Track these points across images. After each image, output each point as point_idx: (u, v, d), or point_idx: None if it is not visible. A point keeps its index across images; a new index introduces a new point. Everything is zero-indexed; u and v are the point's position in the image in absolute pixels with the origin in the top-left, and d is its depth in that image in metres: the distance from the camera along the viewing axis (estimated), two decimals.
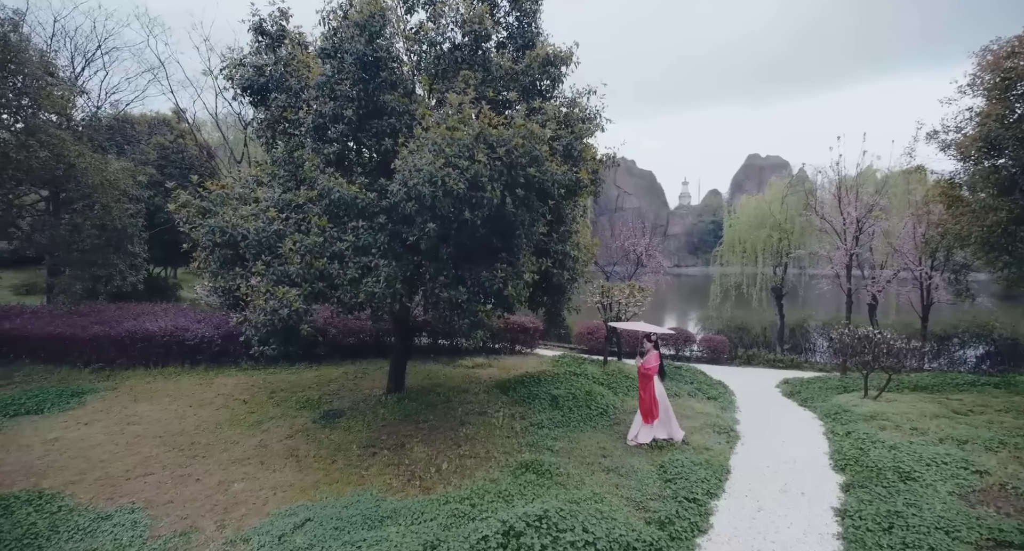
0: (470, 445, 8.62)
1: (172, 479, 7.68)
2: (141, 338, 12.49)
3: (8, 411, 10.18)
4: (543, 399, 10.32)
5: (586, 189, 8.32)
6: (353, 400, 10.60)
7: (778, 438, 9.11)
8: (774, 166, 79.16)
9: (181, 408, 10.31)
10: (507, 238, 7.33)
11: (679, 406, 10.71)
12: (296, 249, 6.93)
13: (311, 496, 7.18)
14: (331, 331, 13.31)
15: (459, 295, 7.27)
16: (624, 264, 15.95)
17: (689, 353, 19.62)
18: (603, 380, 11.95)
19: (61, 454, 8.45)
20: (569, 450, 8.50)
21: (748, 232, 19.49)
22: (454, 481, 7.53)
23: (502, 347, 15.68)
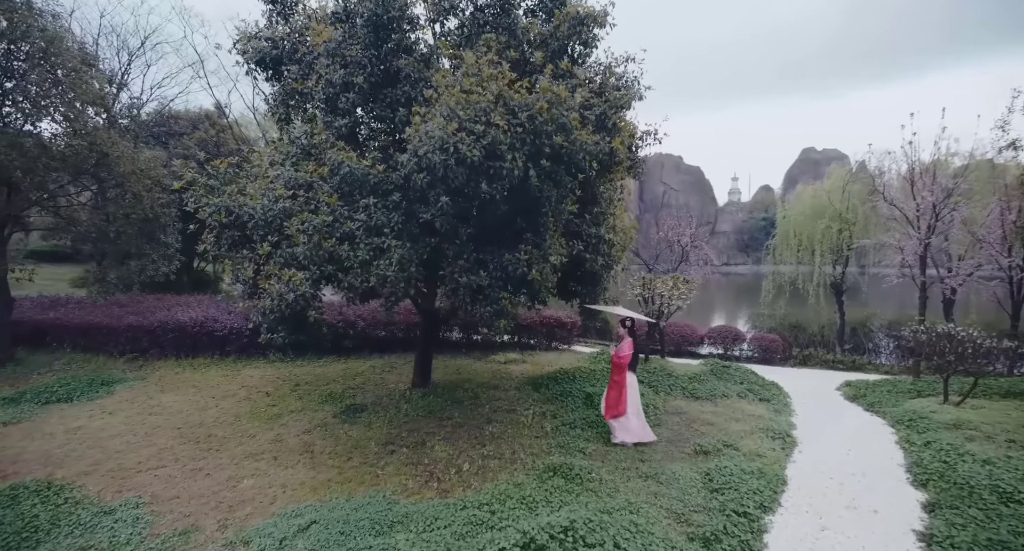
0: (495, 445, 7.96)
1: (182, 473, 7.34)
2: (172, 328, 12.43)
3: (40, 399, 10.19)
4: (576, 397, 9.56)
5: (621, 164, 7.53)
6: (377, 395, 10.12)
7: (842, 446, 8.05)
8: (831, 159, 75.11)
9: (204, 399, 10.07)
10: (531, 217, 6.63)
11: (727, 407, 9.76)
12: (304, 229, 6.43)
13: (321, 496, 6.68)
14: (360, 324, 12.94)
15: (479, 280, 6.62)
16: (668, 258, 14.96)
17: (739, 352, 18.38)
18: (643, 378, 11.04)
19: (80, 443, 8.28)
20: (603, 453, 7.73)
21: (804, 224, 18.02)
22: (474, 484, 6.89)
23: (537, 343, 14.96)
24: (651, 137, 8.84)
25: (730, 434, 8.38)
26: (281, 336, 6.80)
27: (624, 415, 8.10)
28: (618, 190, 8.46)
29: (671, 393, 10.41)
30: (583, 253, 7.64)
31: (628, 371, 8.19)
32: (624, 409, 8.08)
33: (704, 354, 17.78)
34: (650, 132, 8.84)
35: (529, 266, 6.53)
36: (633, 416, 8.14)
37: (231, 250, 6.88)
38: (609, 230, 7.95)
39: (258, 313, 6.63)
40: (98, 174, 11.79)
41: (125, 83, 16.33)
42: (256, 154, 7.71)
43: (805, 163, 78.00)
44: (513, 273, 6.57)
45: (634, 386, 8.25)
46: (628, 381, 8.17)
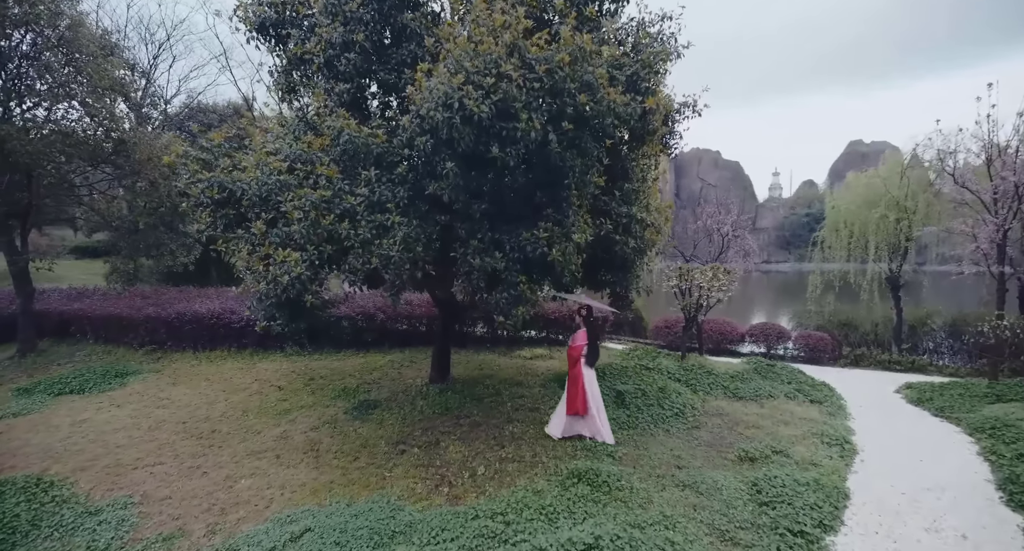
0: (515, 446, 7.24)
1: (179, 471, 6.86)
2: (190, 320, 12.13)
3: (54, 390, 9.98)
4: (607, 395, 8.72)
5: (655, 135, 6.69)
6: (392, 390, 9.51)
7: (911, 456, 7.02)
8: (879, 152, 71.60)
9: (214, 393, 9.66)
10: (552, 190, 5.88)
11: (773, 409, 8.79)
12: (300, 205, 5.83)
13: (320, 499, 6.08)
14: (379, 316, 12.38)
15: (495, 262, 5.90)
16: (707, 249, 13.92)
17: (783, 351, 17.17)
18: (680, 376, 10.17)
19: (83, 437, 7.92)
20: (634, 457, 6.92)
21: (856, 213, 16.59)
22: (489, 489, 6.18)
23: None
24: (689, 109, 7.96)
25: (779, 439, 7.44)
26: (279, 324, 6.22)
27: (585, 415, 7.42)
28: (653, 164, 7.60)
29: (711, 392, 9.49)
30: (612, 235, 6.83)
31: (585, 366, 7.46)
32: (584, 408, 7.37)
33: (745, 352, 16.69)
34: (688, 103, 7.96)
35: (550, 245, 5.77)
36: (598, 415, 7.45)
37: (227, 230, 6.35)
38: (642, 209, 7.10)
39: (253, 298, 6.06)
40: (115, 161, 11.56)
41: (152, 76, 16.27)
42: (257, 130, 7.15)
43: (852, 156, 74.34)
44: (532, 254, 5.83)
45: (593, 382, 7.53)
46: (587, 377, 7.44)
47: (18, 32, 10.90)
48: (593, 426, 7.43)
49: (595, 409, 7.43)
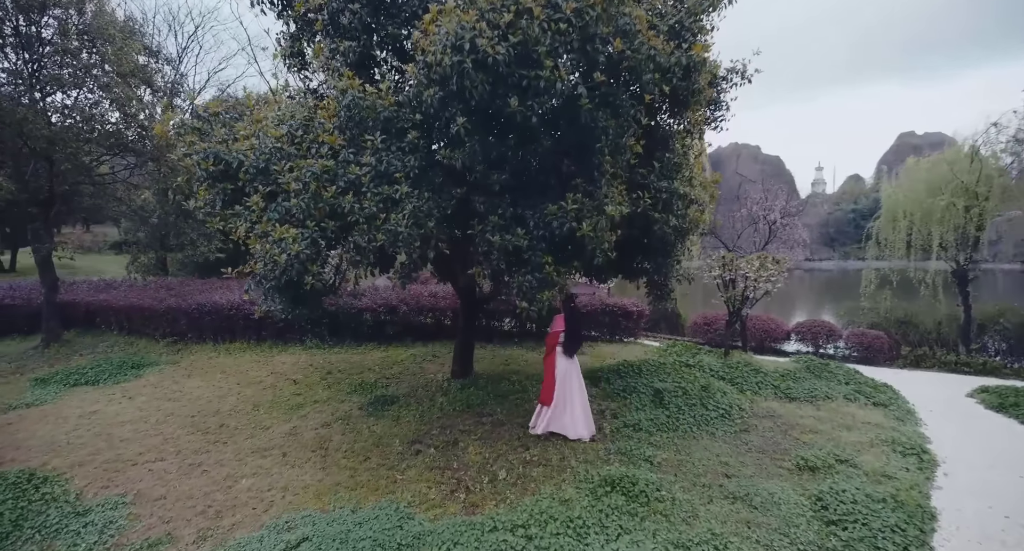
0: (540, 448, 6.52)
1: (179, 468, 6.38)
2: (209, 311, 11.82)
3: (69, 380, 9.74)
4: (643, 393, 7.94)
5: (700, 97, 5.86)
6: (412, 385, 8.91)
7: (1009, 472, 6.02)
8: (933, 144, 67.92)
9: (228, 386, 9.24)
10: (582, 155, 5.14)
11: (832, 412, 7.83)
12: (300, 176, 5.24)
13: (324, 503, 5.49)
14: (402, 309, 11.84)
15: (516, 240, 5.19)
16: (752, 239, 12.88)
17: (833, 350, 15.99)
18: (724, 374, 9.27)
19: (88, 430, 7.56)
20: (676, 463, 6.12)
21: (917, 201, 15.19)
22: (511, 497, 5.48)
23: (598, 334, 13.32)
24: (737, 75, 7.09)
25: (842, 445, 6.52)
26: (279, 309, 5.66)
27: (549, 406, 6.82)
28: (697, 135, 6.75)
29: (760, 392, 8.57)
30: (650, 212, 6.03)
31: (563, 355, 6.85)
32: (549, 398, 6.79)
33: (790, 352, 15.57)
34: (737, 69, 7.10)
35: (579, 219, 5.03)
36: (566, 410, 6.79)
37: (225, 207, 5.82)
38: (684, 183, 6.28)
39: (251, 281, 5.51)
40: (137, 148, 11.32)
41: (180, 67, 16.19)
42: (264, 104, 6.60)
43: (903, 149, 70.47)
44: (559, 230, 5.10)
45: (571, 374, 6.84)
46: (559, 367, 6.81)
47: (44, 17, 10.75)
48: (559, 421, 6.84)
49: (568, 402, 6.81)
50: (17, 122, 9.29)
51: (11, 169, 10.51)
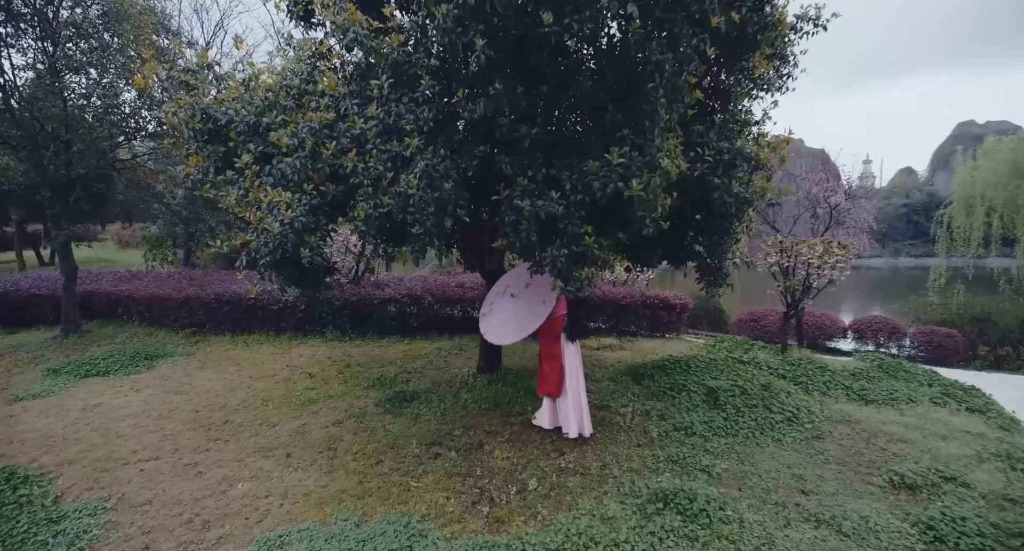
0: (577, 454, 5.64)
1: (173, 469, 5.73)
2: (228, 301, 11.30)
3: (80, 371, 9.29)
4: (694, 392, 6.97)
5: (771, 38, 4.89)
6: (434, 381, 8.14)
7: None
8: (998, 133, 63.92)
9: (240, 379, 8.64)
10: (631, 99, 4.23)
11: (920, 417, 6.70)
12: (296, 132, 4.48)
13: (326, 514, 4.73)
14: (427, 299, 11.09)
15: (550, 207, 4.33)
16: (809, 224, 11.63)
17: (896, 350, 14.60)
18: (785, 372, 8.20)
19: (87, 424, 7.02)
20: (739, 475, 5.15)
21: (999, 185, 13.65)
22: (542, 512, 4.63)
23: (637, 329, 12.28)
24: (809, 23, 6.04)
25: (942, 459, 5.43)
26: (276, 289, 4.92)
27: (558, 397, 6.02)
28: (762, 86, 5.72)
29: (829, 393, 7.47)
30: (708, 176, 5.06)
31: (567, 341, 5.94)
32: (558, 389, 5.92)
33: (846, 351, 14.27)
34: (807, 16, 6.04)
35: (626, 178, 4.12)
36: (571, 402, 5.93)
37: (218, 174, 5.12)
38: (749, 143, 5.29)
39: (243, 256, 4.79)
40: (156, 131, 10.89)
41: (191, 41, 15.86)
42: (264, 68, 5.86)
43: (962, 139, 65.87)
44: (602, 191, 4.20)
45: (575, 361, 5.95)
46: (567, 353, 5.89)
47: None
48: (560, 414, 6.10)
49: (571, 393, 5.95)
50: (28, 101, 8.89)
51: (27, 152, 10.17)
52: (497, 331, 6.10)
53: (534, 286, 5.94)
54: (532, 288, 5.97)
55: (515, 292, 6.12)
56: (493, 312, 6.22)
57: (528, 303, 5.98)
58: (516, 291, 6.13)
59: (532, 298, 5.97)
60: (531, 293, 6.00)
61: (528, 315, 5.89)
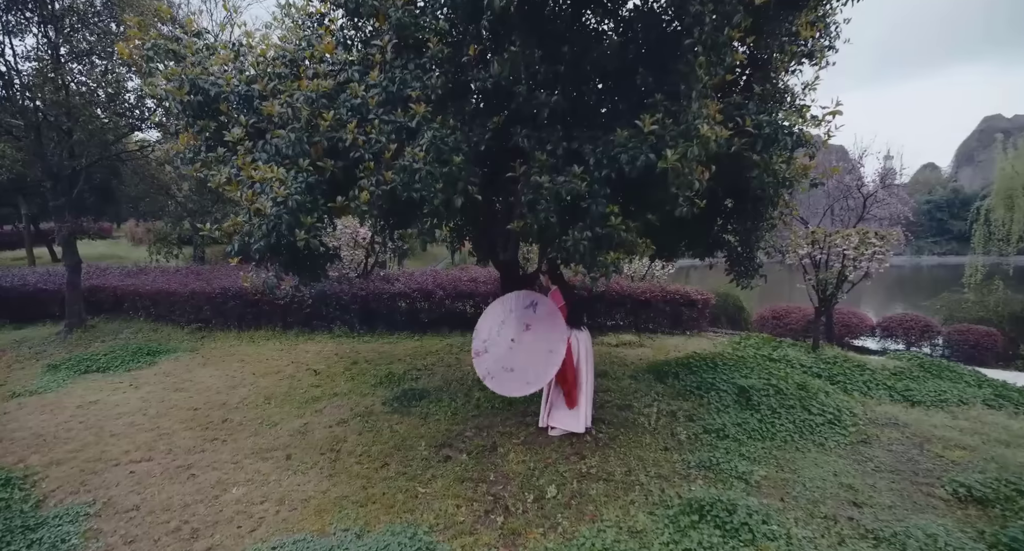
0: (600, 457, 5.18)
1: (165, 470, 5.35)
2: (233, 296, 10.97)
3: (80, 367, 8.99)
4: (724, 392, 6.46)
5: None
6: (445, 378, 7.71)
7: None
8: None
9: (243, 375, 8.27)
10: (664, 59, 3.75)
11: (975, 421, 6.15)
12: (291, 102, 4.06)
13: (324, 523, 4.31)
14: (438, 294, 10.66)
15: (572, 184, 3.86)
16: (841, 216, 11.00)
17: (929, 349, 13.95)
18: (820, 370, 7.66)
19: (81, 422, 6.69)
20: (780, 484, 4.65)
21: None
22: (563, 523, 4.17)
23: (656, 326, 11.72)
24: None
25: (1011, 468, 4.85)
26: (271, 276, 4.50)
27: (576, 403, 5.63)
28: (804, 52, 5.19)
29: (870, 393, 6.92)
30: (746, 152, 4.55)
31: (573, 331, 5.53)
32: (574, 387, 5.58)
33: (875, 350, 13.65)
34: None
35: (658, 149, 3.64)
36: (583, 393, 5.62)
37: (209, 151, 4.73)
38: (792, 115, 4.77)
39: (235, 241, 4.37)
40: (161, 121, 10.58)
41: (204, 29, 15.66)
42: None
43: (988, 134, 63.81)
44: (630, 164, 3.72)
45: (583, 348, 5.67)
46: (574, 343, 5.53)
47: None
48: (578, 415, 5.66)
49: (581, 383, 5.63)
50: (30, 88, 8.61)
51: (29, 142, 9.90)
52: (502, 380, 5.30)
53: (536, 327, 5.30)
54: (534, 331, 5.31)
55: (515, 336, 5.38)
56: (490, 352, 5.48)
57: (532, 349, 5.26)
58: (516, 334, 5.39)
59: (536, 344, 5.25)
60: (534, 338, 5.29)
61: (536, 363, 5.16)
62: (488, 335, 5.56)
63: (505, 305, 5.62)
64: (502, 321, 5.54)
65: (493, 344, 5.49)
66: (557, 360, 5.06)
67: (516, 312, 5.49)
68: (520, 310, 5.47)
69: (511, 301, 5.60)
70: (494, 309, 5.69)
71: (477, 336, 5.63)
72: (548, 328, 5.21)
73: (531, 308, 5.43)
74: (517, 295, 5.59)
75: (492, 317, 5.64)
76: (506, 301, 5.64)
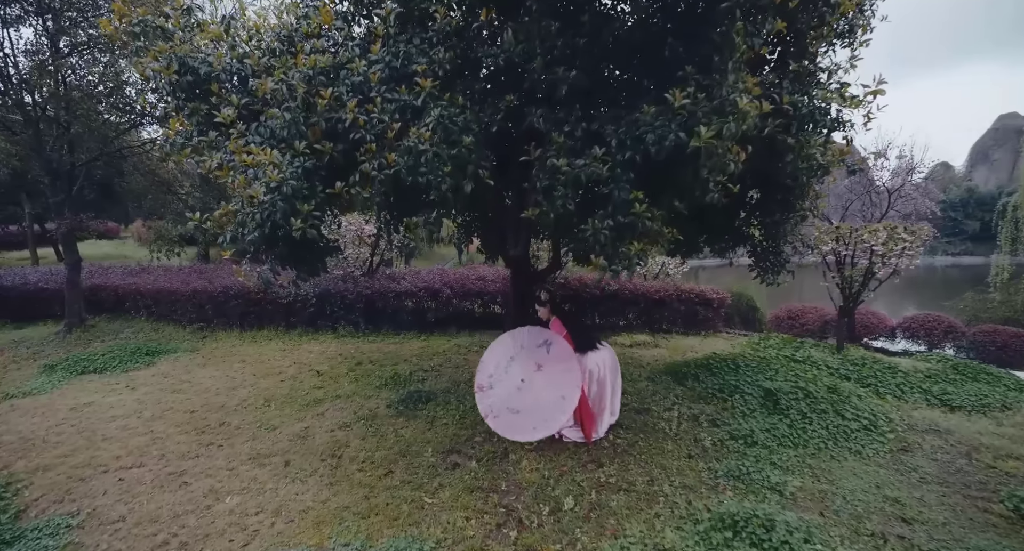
0: (619, 465, 4.82)
1: (156, 477, 5.03)
2: (235, 295, 10.68)
3: (77, 368, 8.72)
4: (749, 395, 6.07)
5: None
6: (453, 380, 7.38)
7: None
8: None
9: (243, 376, 7.97)
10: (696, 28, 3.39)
11: (1018, 426, 5.72)
12: (286, 79, 3.73)
13: (323, 536, 3.98)
14: (445, 292, 10.33)
15: (592, 165, 3.51)
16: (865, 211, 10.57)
17: (953, 351, 13.45)
18: (848, 372, 7.26)
19: (73, 425, 6.39)
20: (818, 496, 4.27)
21: None
22: (582, 539, 3.81)
23: (670, 326, 11.32)
24: None
25: None
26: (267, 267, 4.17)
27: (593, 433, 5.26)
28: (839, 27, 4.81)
29: (904, 397, 6.52)
30: (780, 135, 4.19)
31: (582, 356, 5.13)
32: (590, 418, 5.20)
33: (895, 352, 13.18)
34: None
35: (689, 126, 3.28)
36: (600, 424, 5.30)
37: (201, 136, 4.42)
38: (830, 97, 4.40)
39: (227, 232, 4.05)
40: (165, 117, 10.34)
41: None
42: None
43: (1003, 132, 62.67)
44: (657, 144, 3.36)
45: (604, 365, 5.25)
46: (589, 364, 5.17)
47: None
48: None
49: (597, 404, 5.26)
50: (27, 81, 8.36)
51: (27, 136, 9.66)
52: (506, 422, 4.95)
53: (549, 369, 4.97)
54: (546, 372, 4.97)
55: (525, 375, 5.04)
56: (495, 389, 5.13)
57: (542, 392, 4.91)
58: (526, 373, 5.05)
59: (548, 387, 4.90)
60: (545, 381, 4.95)
61: (545, 408, 4.82)
62: (495, 370, 5.22)
63: (516, 339, 5.28)
64: (511, 357, 5.21)
65: (499, 381, 5.16)
66: (569, 408, 4.78)
67: (527, 349, 5.15)
68: (532, 348, 5.13)
69: (522, 336, 5.26)
70: (503, 342, 5.35)
71: (482, 369, 5.29)
72: (562, 372, 4.89)
73: (544, 347, 5.08)
74: (529, 331, 5.27)
75: (500, 351, 5.30)
76: (517, 335, 5.30)
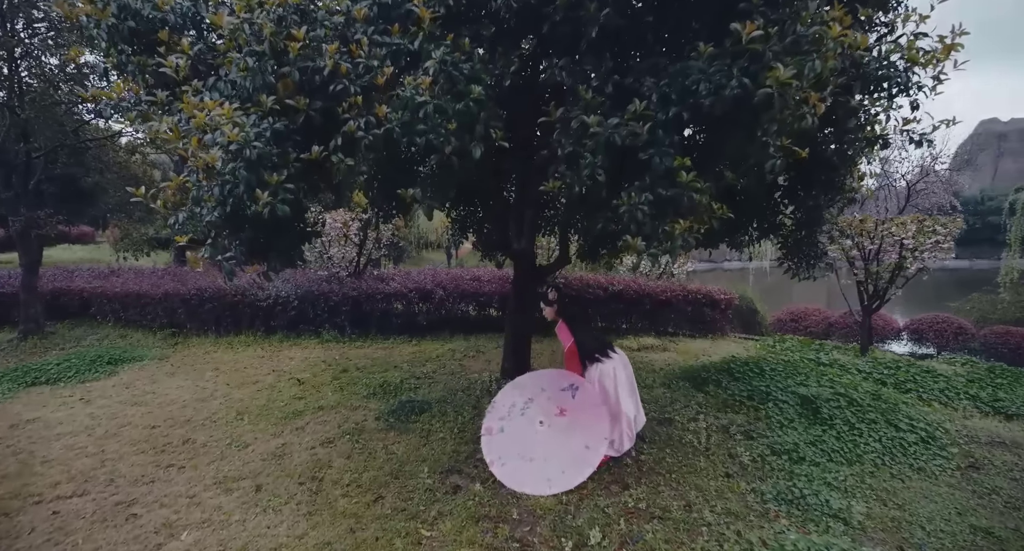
0: (648, 487, 4.12)
1: (99, 510, 4.23)
2: (210, 297, 9.85)
3: (27, 379, 7.82)
4: (783, 402, 5.41)
5: None
6: (449, 388, 6.65)
7: None
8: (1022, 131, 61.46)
9: (215, 387, 7.16)
10: None
11: None
12: (250, 17, 3.01)
13: None
14: (438, 294, 9.61)
15: (628, 127, 2.83)
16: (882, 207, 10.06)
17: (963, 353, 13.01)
18: (882, 376, 6.65)
19: (9, 445, 5.56)
20: (890, 524, 3.60)
21: None
22: None
23: (676, 328, 10.68)
24: None
25: None
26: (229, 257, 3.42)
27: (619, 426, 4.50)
28: None
29: (952, 404, 5.91)
30: (842, 97, 3.54)
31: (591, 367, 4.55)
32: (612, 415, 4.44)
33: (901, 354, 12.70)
34: None
35: (752, 72, 2.61)
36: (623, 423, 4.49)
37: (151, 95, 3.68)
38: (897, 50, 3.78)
39: (182, 213, 3.30)
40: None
41: None
42: None
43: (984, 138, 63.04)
44: (714, 94, 2.69)
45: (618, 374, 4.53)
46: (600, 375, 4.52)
47: None
48: None
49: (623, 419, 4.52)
50: None
51: None
52: (515, 470, 4.27)
53: (575, 415, 4.34)
54: (571, 419, 4.35)
55: (545, 419, 4.42)
56: (506, 433, 4.49)
57: (564, 440, 4.29)
58: (547, 417, 4.42)
59: (571, 436, 4.28)
60: (569, 428, 4.32)
61: (565, 459, 4.20)
62: (508, 412, 4.57)
63: (536, 381, 4.68)
64: (529, 399, 4.56)
65: (512, 424, 4.50)
66: (593, 462, 4.16)
67: (549, 392, 4.51)
68: (555, 391, 4.49)
69: (544, 378, 4.68)
70: (521, 384, 4.72)
71: (493, 411, 4.64)
72: (590, 420, 4.29)
73: (569, 391, 4.44)
74: (552, 374, 4.69)
75: (516, 392, 4.66)
76: (538, 378, 4.72)
